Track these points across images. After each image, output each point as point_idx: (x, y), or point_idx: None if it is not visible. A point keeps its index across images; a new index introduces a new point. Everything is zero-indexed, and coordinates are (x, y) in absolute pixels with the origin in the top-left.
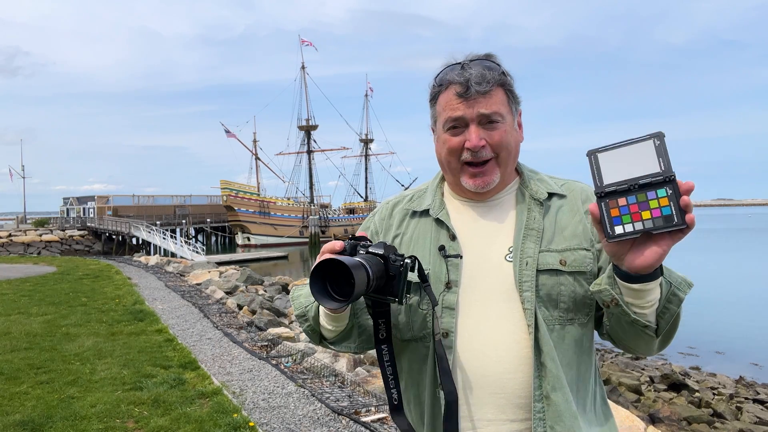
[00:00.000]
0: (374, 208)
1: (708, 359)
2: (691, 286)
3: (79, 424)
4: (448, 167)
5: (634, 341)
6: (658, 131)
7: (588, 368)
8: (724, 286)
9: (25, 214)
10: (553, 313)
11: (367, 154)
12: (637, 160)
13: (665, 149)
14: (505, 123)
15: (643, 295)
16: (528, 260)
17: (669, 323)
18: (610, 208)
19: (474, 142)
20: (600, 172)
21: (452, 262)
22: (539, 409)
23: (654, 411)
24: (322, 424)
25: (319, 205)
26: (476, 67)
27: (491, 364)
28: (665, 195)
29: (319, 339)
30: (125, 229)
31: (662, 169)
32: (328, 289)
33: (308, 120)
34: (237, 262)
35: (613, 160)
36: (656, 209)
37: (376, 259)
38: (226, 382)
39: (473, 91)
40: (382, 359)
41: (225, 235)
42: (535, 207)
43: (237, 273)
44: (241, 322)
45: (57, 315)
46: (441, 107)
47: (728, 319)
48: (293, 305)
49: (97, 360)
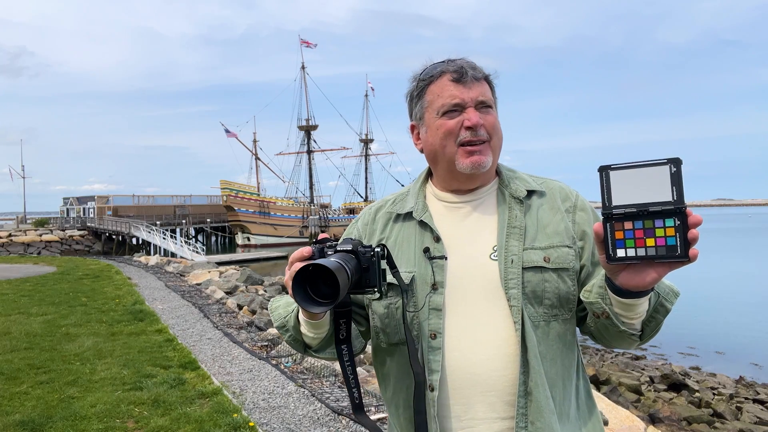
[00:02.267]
0: None
1: (708, 359)
2: (677, 295)
3: (79, 424)
4: (443, 153)
5: (617, 342)
6: (676, 157)
7: (572, 362)
8: (724, 286)
9: (25, 214)
10: (538, 310)
11: (367, 154)
12: (649, 185)
13: (680, 177)
14: (495, 112)
15: (632, 308)
16: (513, 258)
17: (654, 330)
18: (615, 230)
19: (474, 120)
20: (610, 191)
21: (437, 264)
22: (522, 404)
23: (654, 411)
24: (322, 424)
25: (319, 205)
26: (464, 60)
27: (481, 363)
28: (672, 225)
29: (303, 348)
30: (125, 229)
31: (674, 198)
32: (311, 295)
33: (308, 120)
34: (237, 262)
35: (625, 181)
36: (661, 238)
37: (348, 255)
38: (226, 382)
39: (470, 76)
40: (342, 360)
41: (225, 235)
42: (516, 205)
43: (237, 273)
44: (241, 322)
45: (57, 315)
46: (434, 95)
47: (728, 319)
48: (272, 317)
49: (97, 360)
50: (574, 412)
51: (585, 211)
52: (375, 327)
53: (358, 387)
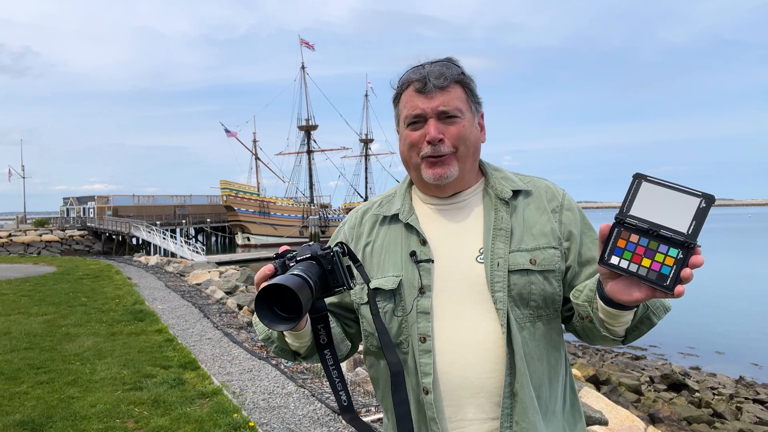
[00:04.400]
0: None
1: (708, 359)
2: (667, 311)
3: (79, 424)
4: (410, 163)
5: (600, 342)
6: (711, 194)
7: (558, 360)
8: (724, 286)
9: (25, 214)
10: (524, 312)
11: (367, 154)
12: (673, 209)
13: (705, 215)
14: (464, 119)
15: (617, 318)
16: (499, 261)
17: (637, 337)
18: (620, 237)
19: (432, 134)
20: (633, 200)
21: (424, 267)
22: (507, 405)
23: (654, 411)
24: (322, 424)
25: (319, 205)
26: (435, 66)
27: (470, 366)
28: (674, 256)
29: (292, 356)
30: (125, 229)
31: (689, 232)
32: (277, 312)
33: (308, 120)
34: (237, 262)
35: (653, 196)
36: (658, 263)
37: (309, 263)
38: (226, 382)
39: (431, 86)
40: (326, 364)
41: (225, 235)
42: (502, 207)
43: (237, 273)
44: (241, 322)
45: (57, 315)
46: (402, 105)
47: (728, 319)
48: (257, 330)
49: (97, 360)
50: (560, 408)
51: (572, 211)
52: (365, 330)
53: (346, 389)
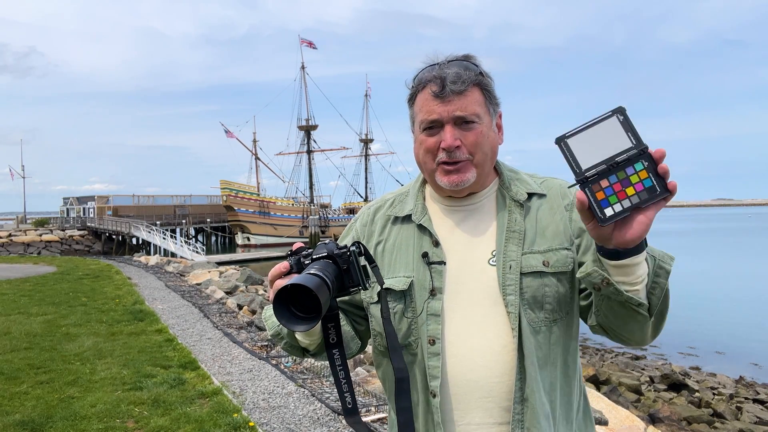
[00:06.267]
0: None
1: (708, 359)
2: (672, 258)
3: (79, 424)
4: (425, 167)
5: (629, 326)
6: (618, 106)
7: (574, 366)
8: (724, 286)
9: (25, 214)
10: (539, 315)
11: (367, 154)
12: (607, 139)
13: (630, 123)
14: (481, 124)
15: (632, 270)
16: (511, 264)
17: (660, 299)
18: (595, 192)
19: (449, 142)
20: (575, 158)
21: (436, 269)
22: (518, 410)
23: (654, 411)
24: (322, 424)
25: (319, 205)
26: (453, 66)
27: (479, 370)
28: (643, 168)
29: (301, 353)
30: (125, 229)
31: (633, 143)
32: (295, 312)
33: (308, 120)
34: (237, 262)
35: (584, 143)
36: (638, 183)
37: (326, 262)
38: (226, 382)
39: (448, 90)
40: (334, 363)
41: (225, 235)
42: (516, 209)
43: (237, 273)
44: (241, 322)
45: (57, 315)
46: (418, 108)
47: (728, 319)
48: (266, 326)
49: (97, 360)
50: (573, 415)
51: None
52: (374, 330)
53: (351, 391)
